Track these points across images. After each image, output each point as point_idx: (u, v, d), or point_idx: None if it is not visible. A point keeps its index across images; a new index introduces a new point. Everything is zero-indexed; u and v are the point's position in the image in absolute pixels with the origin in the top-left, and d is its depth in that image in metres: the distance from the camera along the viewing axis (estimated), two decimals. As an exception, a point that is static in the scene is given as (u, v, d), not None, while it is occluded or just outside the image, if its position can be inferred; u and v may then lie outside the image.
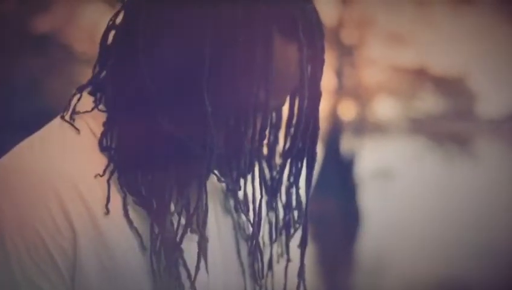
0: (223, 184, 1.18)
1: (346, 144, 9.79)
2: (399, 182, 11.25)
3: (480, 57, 10.55)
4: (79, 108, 1.11)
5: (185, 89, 1.02)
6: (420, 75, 10.40)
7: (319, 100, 1.11)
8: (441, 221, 9.02)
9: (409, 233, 8.49)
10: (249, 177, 1.16)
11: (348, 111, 10.22)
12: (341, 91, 9.91)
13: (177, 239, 1.05)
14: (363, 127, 10.30)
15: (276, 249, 1.24)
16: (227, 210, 1.21)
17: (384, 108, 10.83)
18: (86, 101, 1.11)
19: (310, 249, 1.15)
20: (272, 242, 1.24)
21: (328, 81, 9.36)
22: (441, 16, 10.09)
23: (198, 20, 1.02)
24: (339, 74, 9.83)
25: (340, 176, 9.39)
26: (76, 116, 1.10)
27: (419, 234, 8.40)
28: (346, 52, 9.95)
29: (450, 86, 10.67)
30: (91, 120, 1.09)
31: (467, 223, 8.97)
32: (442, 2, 10.21)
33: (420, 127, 10.82)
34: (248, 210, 1.16)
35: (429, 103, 10.74)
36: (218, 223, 1.19)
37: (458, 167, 11.22)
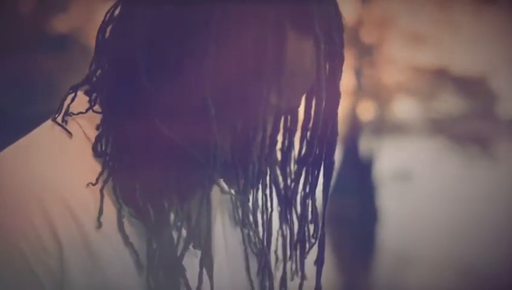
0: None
1: (365, 145, 9.68)
2: (418, 183, 11.14)
3: (502, 56, 10.41)
4: (73, 109, 1.00)
5: (186, 89, 0.91)
6: (440, 75, 10.29)
7: (338, 102, 1.00)
8: (461, 222, 8.92)
9: (429, 234, 8.39)
10: (260, 186, 1.04)
11: (367, 111, 10.11)
12: (360, 91, 9.80)
13: (178, 256, 0.94)
14: (383, 127, 10.19)
15: (291, 265, 1.13)
16: (236, 222, 1.10)
17: (404, 108, 10.71)
18: (81, 101, 1.00)
19: (328, 250, 1.04)
20: (285, 258, 1.12)
21: (346, 80, 9.28)
22: (462, 15, 9.97)
23: (201, 13, 0.91)
24: (358, 74, 9.72)
25: (359, 177, 9.28)
26: (69, 118, 1.00)
27: (439, 235, 8.31)
28: (365, 51, 9.84)
29: (470, 86, 10.54)
30: (86, 123, 0.99)
31: (487, 225, 8.85)
32: (463, 1, 10.09)
33: (440, 127, 10.70)
34: (257, 224, 1.03)
35: (449, 103, 10.61)
36: (225, 237, 1.08)
37: (478, 168, 11.10)
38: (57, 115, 1.00)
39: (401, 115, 10.78)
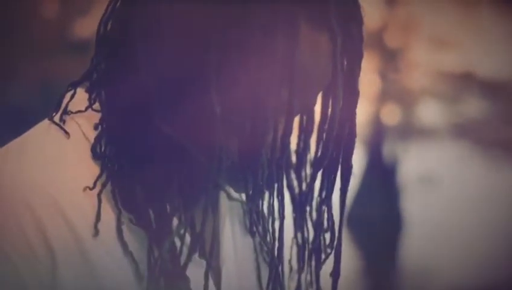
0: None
1: (389, 149, 9.59)
2: (443, 187, 11.04)
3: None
4: (72, 107, 0.93)
5: (189, 86, 0.84)
6: (466, 79, 10.19)
7: (356, 101, 0.92)
8: (487, 227, 8.83)
9: (454, 240, 8.31)
10: (271, 191, 0.96)
11: (391, 116, 10.02)
12: (384, 95, 9.71)
13: (181, 265, 0.87)
14: (407, 132, 10.10)
15: (305, 275, 1.05)
16: (247, 229, 1.03)
17: (429, 113, 10.61)
18: (81, 99, 0.93)
19: (352, 255, 0.96)
20: (300, 268, 1.05)
21: (371, 85, 9.20)
22: (487, 18, 9.87)
23: (206, 5, 0.83)
24: (383, 78, 9.64)
25: (383, 181, 9.20)
26: (67, 118, 0.93)
27: (464, 241, 8.23)
28: (390, 55, 9.76)
29: (496, 90, 10.43)
30: (85, 122, 0.92)
31: (512, 228, 8.76)
32: (489, 4, 9.98)
33: (465, 132, 10.61)
34: (267, 233, 0.95)
35: (475, 107, 10.51)
36: (235, 245, 1.01)
37: (504, 173, 10.99)
38: (54, 114, 0.93)
39: (425, 119, 10.69)
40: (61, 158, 0.88)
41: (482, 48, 10.10)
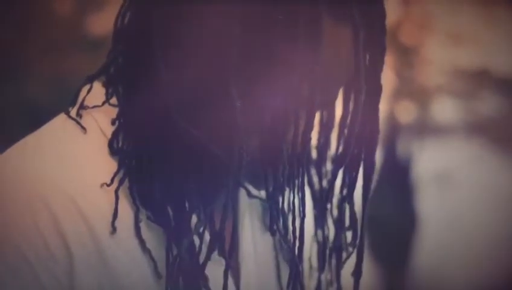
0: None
1: (404, 147, 9.56)
2: (458, 185, 11.00)
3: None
4: (88, 102, 0.91)
5: (208, 80, 0.82)
6: (482, 76, 10.13)
7: (379, 96, 0.90)
8: (501, 224, 8.78)
9: (470, 239, 8.25)
10: (291, 188, 0.93)
11: (406, 113, 9.98)
12: (399, 92, 9.68)
13: (200, 264, 0.85)
14: (422, 129, 10.05)
15: (326, 274, 1.03)
16: (266, 227, 1.00)
17: (445, 110, 10.56)
18: (98, 93, 0.92)
19: (365, 255, 0.94)
20: (320, 267, 1.03)
21: (386, 82, 9.16)
22: (504, 15, 9.80)
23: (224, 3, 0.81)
24: (398, 75, 9.60)
25: (397, 179, 9.17)
26: (84, 112, 0.91)
27: (479, 238, 8.18)
28: (405, 52, 9.72)
29: (512, 88, 10.38)
30: (102, 117, 0.90)
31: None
32: (505, 1, 9.92)
33: (482, 129, 10.55)
34: (287, 231, 0.93)
35: (491, 105, 10.44)
36: (255, 243, 0.99)
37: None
38: (70, 108, 0.91)
39: (441, 117, 10.63)
40: (78, 154, 0.86)
41: (498, 45, 10.04)
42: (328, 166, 1.03)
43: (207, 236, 0.87)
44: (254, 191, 0.90)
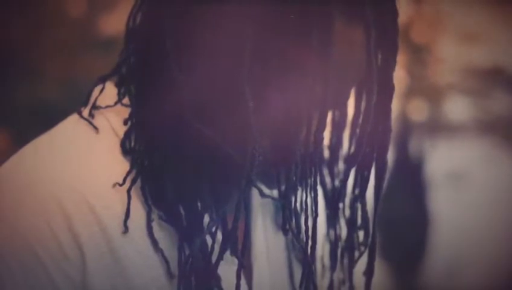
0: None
1: (416, 146, 9.54)
2: (471, 184, 10.95)
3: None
4: (100, 102, 0.91)
5: (221, 80, 0.82)
6: (495, 75, 10.09)
7: (392, 95, 0.90)
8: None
9: (482, 239, 8.21)
10: (303, 188, 0.93)
11: (418, 112, 9.95)
12: (411, 91, 9.65)
13: (212, 263, 0.85)
14: (434, 128, 10.02)
15: (338, 273, 1.03)
16: (279, 226, 1.00)
17: (457, 109, 10.52)
18: (110, 93, 0.92)
19: (377, 254, 0.93)
20: (332, 266, 1.02)
21: (397, 80, 9.14)
22: (516, 13, 9.75)
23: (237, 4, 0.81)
24: (409, 73, 9.57)
25: (409, 178, 9.14)
26: (96, 112, 0.91)
27: (492, 238, 8.13)
28: (417, 51, 9.69)
29: (525, 86, 10.34)
30: (114, 117, 0.90)
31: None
32: (518, -1, 9.88)
33: (494, 128, 10.50)
34: (300, 230, 0.92)
35: (504, 103, 10.40)
36: (267, 242, 0.99)
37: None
38: (83, 109, 0.92)
39: (453, 116, 10.60)
40: (90, 154, 0.87)
41: (511, 43, 9.99)
42: (341, 165, 1.02)
43: (219, 236, 0.87)
44: (266, 191, 0.90)
